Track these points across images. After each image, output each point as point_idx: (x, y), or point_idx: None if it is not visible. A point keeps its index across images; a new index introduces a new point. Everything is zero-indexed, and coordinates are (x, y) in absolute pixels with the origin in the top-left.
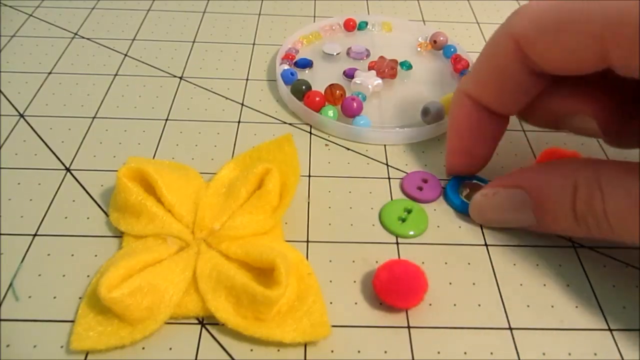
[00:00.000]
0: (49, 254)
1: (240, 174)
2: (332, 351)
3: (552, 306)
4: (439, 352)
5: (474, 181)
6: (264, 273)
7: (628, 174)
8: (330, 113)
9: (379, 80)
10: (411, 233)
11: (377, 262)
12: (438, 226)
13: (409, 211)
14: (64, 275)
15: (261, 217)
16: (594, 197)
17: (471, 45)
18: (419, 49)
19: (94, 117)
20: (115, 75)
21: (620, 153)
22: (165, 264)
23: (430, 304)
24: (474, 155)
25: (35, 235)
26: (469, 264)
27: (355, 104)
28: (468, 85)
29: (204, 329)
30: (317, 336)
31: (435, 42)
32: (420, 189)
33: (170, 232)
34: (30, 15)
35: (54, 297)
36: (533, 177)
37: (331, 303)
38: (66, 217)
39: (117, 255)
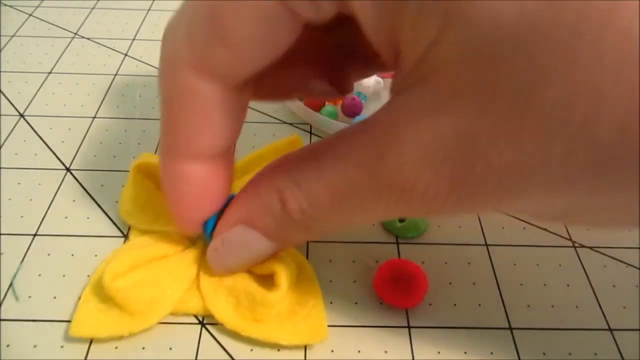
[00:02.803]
0: (49, 254)
1: (247, 176)
2: (332, 351)
3: (552, 306)
4: (439, 352)
5: None
6: (266, 276)
7: (315, 160)
8: (331, 113)
9: (379, 80)
10: (411, 234)
11: (377, 262)
12: (438, 226)
13: None
14: (64, 275)
15: None
16: (300, 201)
17: None
18: None
19: (94, 117)
20: (115, 75)
21: None
22: (171, 260)
23: (430, 304)
24: (211, 209)
25: (35, 235)
26: (469, 264)
27: (355, 104)
28: (176, 148)
29: (204, 329)
30: (315, 339)
31: None
32: None
33: (177, 230)
34: (30, 15)
35: (54, 297)
36: (244, 207)
37: (331, 303)
38: (66, 217)
39: (125, 246)
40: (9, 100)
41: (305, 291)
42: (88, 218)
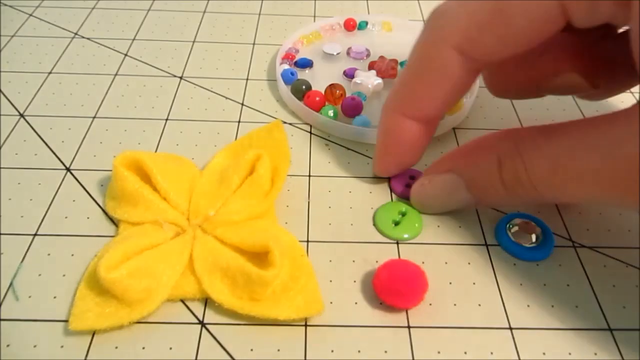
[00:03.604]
0: (49, 254)
1: (232, 161)
2: (332, 351)
3: (552, 306)
4: (439, 352)
5: (525, 219)
6: (259, 256)
7: (544, 137)
8: (330, 113)
9: (379, 80)
10: (405, 236)
11: (377, 262)
12: (438, 226)
13: (403, 214)
14: (64, 275)
15: (254, 202)
16: (518, 168)
17: None
18: None
19: (94, 117)
20: (115, 75)
21: None
22: (162, 248)
23: (430, 304)
24: (407, 163)
25: (35, 235)
26: (469, 264)
27: (355, 104)
28: (403, 105)
29: (204, 329)
30: (311, 312)
31: None
32: (409, 186)
33: (166, 219)
34: (30, 15)
35: (54, 297)
36: (461, 159)
37: (331, 303)
38: (66, 217)
39: (115, 239)
40: (9, 100)
41: (297, 268)
42: (88, 218)
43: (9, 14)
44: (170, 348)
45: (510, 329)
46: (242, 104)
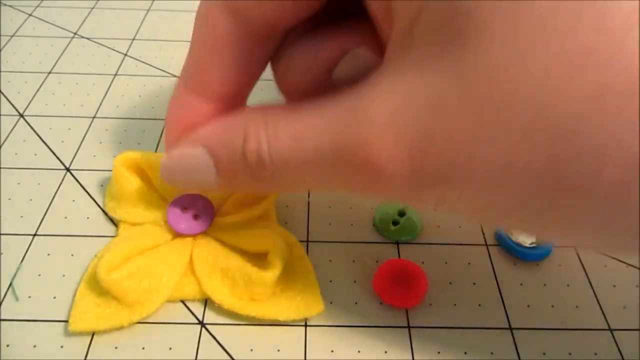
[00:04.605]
0: (49, 254)
1: None
2: (332, 351)
3: (552, 306)
4: (439, 352)
5: None
6: (259, 257)
7: (291, 109)
8: None
9: None
10: (405, 236)
11: (377, 262)
12: (438, 226)
13: (403, 214)
14: (64, 275)
15: (254, 202)
16: (261, 142)
17: None
18: None
19: (94, 117)
20: (115, 75)
21: None
22: (163, 248)
23: (430, 304)
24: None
25: (35, 235)
26: (469, 264)
27: None
28: (187, 78)
29: (204, 329)
30: (311, 313)
31: None
32: (196, 217)
33: (166, 220)
34: (30, 14)
35: (54, 297)
36: (212, 130)
37: (331, 303)
38: (66, 217)
39: (115, 240)
40: (8, 101)
41: (297, 268)
42: (88, 218)
43: (8, 14)
44: (170, 348)
45: (510, 329)
46: None
